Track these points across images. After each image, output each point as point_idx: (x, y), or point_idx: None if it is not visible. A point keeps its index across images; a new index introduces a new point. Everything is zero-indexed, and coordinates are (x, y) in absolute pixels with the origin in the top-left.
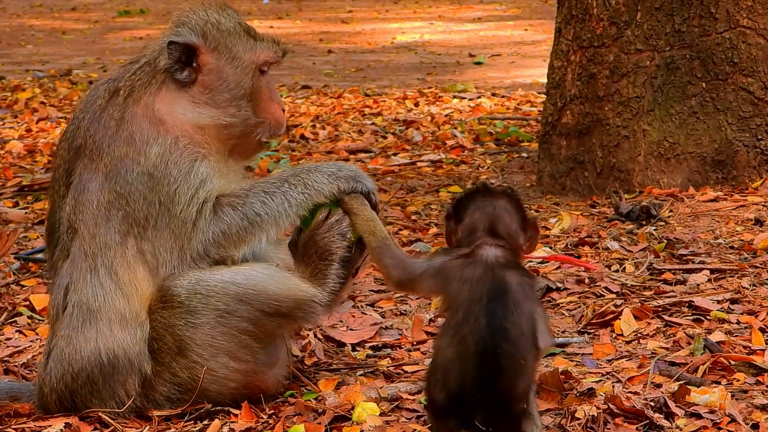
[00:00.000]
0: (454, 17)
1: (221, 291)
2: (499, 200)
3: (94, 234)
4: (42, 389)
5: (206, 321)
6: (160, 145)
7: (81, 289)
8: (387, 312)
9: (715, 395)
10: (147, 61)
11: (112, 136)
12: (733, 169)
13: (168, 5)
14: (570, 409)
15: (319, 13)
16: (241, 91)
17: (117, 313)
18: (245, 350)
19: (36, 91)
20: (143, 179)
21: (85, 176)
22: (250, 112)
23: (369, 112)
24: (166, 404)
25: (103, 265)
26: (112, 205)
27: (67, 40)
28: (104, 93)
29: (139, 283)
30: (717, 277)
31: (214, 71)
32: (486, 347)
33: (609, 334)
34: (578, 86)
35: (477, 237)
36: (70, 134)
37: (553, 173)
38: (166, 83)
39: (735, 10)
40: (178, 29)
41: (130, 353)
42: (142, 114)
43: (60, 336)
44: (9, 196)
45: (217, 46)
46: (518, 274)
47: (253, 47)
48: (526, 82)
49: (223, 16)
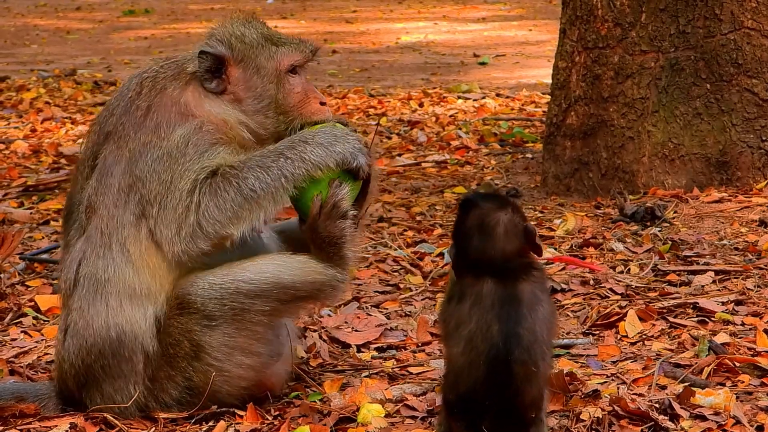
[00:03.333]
0: (458, 17)
1: (234, 290)
2: (499, 227)
3: (113, 215)
4: (62, 366)
5: (222, 322)
6: (184, 128)
7: (93, 263)
8: (392, 313)
9: (720, 397)
10: (176, 61)
11: (139, 125)
12: (738, 170)
13: (173, 5)
14: (575, 410)
15: (324, 13)
16: (268, 100)
17: (126, 286)
18: (259, 342)
19: (41, 91)
20: (162, 159)
21: (110, 160)
22: (281, 119)
23: (374, 113)
24: (175, 406)
25: (117, 242)
26: (131, 189)
27: (72, 39)
28: (136, 86)
29: (150, 258)
30: (722, 279)
31: (242, 82)
32: (498, 354)
33: (614, 335)
34: (583, 87)
35: (485, 269)
36: (102, 120)
37: (557, 174)
38: (193, 83)
39: (739, 12)
40: (209, 40)
41: (137, 330)
42: (169, 104)
43: (74, 310)
44: (14, 196)
45: (242, 58)
46: (529, 281)
47: (274, 55)
48: (531, 82)
49: (248, 28)
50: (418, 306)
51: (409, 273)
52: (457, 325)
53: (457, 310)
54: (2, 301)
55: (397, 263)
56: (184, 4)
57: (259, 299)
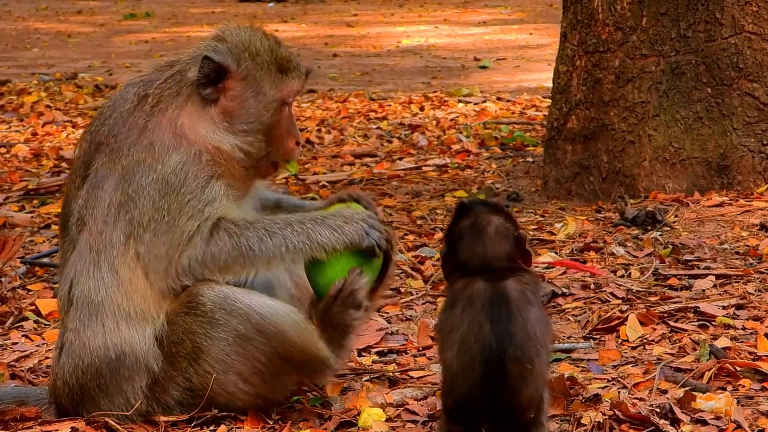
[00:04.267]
0: (459, 21)
1: (244, 315)
2: (491, 229)
3: (101, 230)
4: (56, 382)
5: (224, 337)
6: (182, 155)
7: (84, 282)
8: (393, 317)
9: (721, 401)
10: (179, 69)
11: (133, 141)
12: (739, 174)
13: (174, 8)
14: (576, 415)
15: (324, 16)
16: (259, 126)
17: (120, 310)
18: (256, 377)
19: (42, 94)
20: (157, 185)
21: (102, 173)
22: (264, 146)
23: (374, 116)
24: (177, 408)
25: (106, 262)
26: (122, 207)
27: (73, 43)
28: (133, 97)
29: (138, 282)
30: (722, 283)
31: (237, 99)
32: (491, 354)
33: (614, 339)
34: (584, 91)
35: (473, 269)
36: (94, 128)
37: (558, 178)
38: (192, 97)
39: (740, 16)
40: (218, 45)
41: (137, 350)
42: (166, 125)
43: (70, 329)
44: (15, 200)
45: (246, 76)
46: (517, 282)
47: (279, 84)
48: (532, 86)
49: (263, 46)
50: (419, 310)
51: (410, 277)
52: (450, 329)
53: (450, 316)
54: (3, 305)
55: (397, 267)
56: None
57: (261, 337)
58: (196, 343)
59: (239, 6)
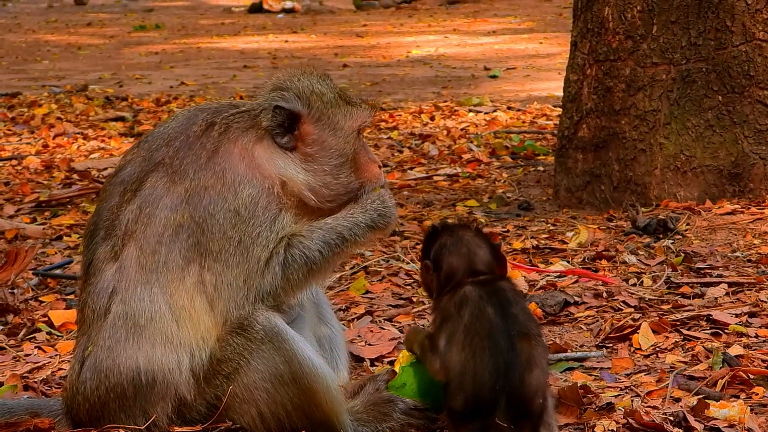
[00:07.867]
0: (468, 31)
1: (287, 358)
2: (468, 238)
3: (155, 250)
4: (75, 397)
5: (261, 369)
6: (254, 187)
7: (129, 301)
8: (405, 327)
9: (735, 409)
10: (247, 110)
11: (201, 166)
12: (750, 182)
13: (183, 20)
14: (589, 423)
15: (334, 27)
16: (343, 159)
17: (164, 335)
18: (274, 421)
19: (52, 106)
20: (228, 215)
21: (160, 191)
22: (353, 177)
23: (385, 126)
24: (198, 422)
25: (158, 284)
26: (182, 229)
27: (83, 55)
28: (202, 122)
29: (195, 311)
30: (735, 291)
31: (317, 142)
32: (499, 332)
33: (627, 348)
34: (594, 100)
35: (459, 278)
36: (154, 146)
37: (569, 187)
38: (265, 139)
39: (751, 23)
40: (284, 93)
41: (170, 378)
42: (239, 154)
43: (99, 345)
44: (27, 212)
45: (320, 117)
46: (505, 281)
47: (350, 114)
48: (542, 95)
49: (325, 86)
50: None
51: (421, 287)
52: (450, 335)
53: (444, 327)
54: (16, 316)
55: (409, 277)
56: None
57: (294, 387)
58: (236, 363)
59: (249, 17)
